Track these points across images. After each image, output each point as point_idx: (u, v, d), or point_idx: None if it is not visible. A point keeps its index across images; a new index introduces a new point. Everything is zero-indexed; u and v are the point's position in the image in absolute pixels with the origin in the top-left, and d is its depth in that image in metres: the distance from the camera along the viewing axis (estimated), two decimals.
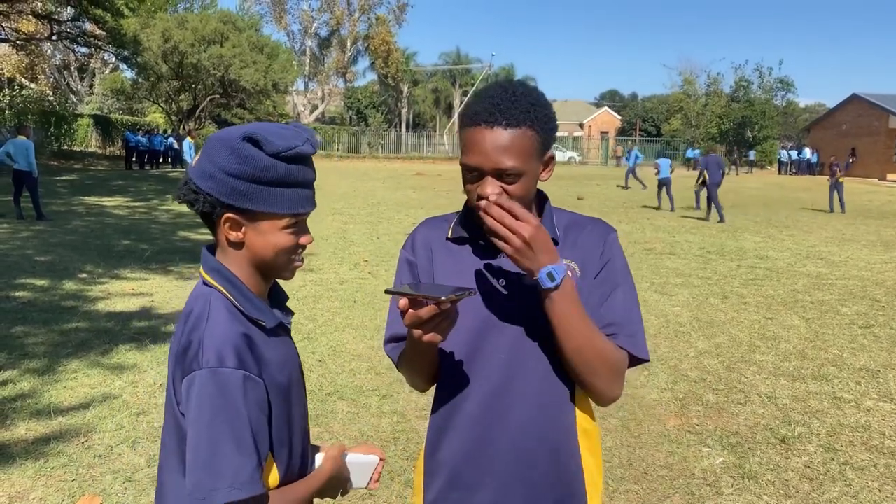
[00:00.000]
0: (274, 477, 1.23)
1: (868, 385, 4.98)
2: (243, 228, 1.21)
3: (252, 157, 1.16)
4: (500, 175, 1.27)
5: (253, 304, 1.22)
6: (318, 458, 1.37)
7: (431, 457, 1.45)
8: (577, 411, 1.39)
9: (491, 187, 1.28)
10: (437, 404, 1.45)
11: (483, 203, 1.25)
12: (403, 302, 1.17)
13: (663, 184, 17.78)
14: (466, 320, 1.33)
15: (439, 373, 1.43)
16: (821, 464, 3.74)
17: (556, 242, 1.37)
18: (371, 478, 1.45)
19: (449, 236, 1.44)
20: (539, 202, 1.44)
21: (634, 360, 1.38)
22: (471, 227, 1.41)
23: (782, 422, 4.29)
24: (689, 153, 36.21)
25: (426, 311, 1.16)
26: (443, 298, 1.12)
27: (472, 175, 1.30)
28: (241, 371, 1.14)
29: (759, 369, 5.27)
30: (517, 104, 1.26)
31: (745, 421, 4.31)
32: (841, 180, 17.90)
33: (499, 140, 1.26)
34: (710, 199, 15.35)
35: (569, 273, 1.29)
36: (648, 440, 4.00)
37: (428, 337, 1.19)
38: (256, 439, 1.15)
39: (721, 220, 15.02)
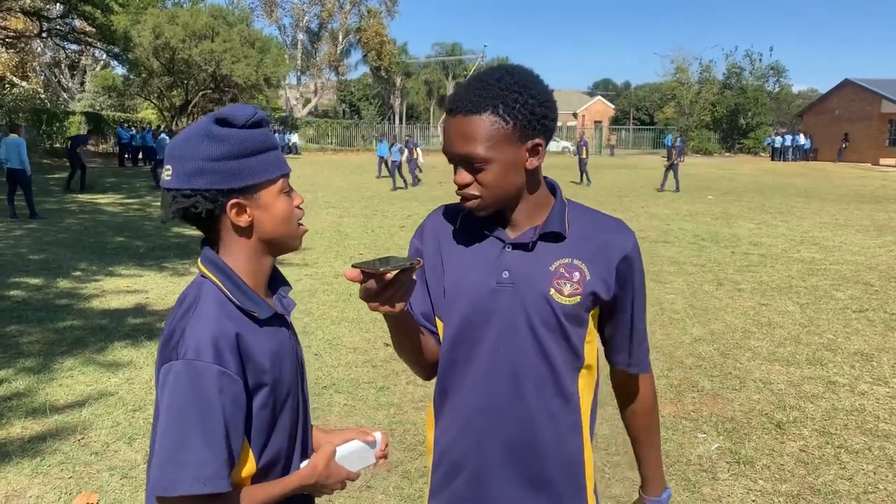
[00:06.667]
0: (250, 467, 1.21)
1: (862, 369, 5.01)
2: (248, 210, 1.22)
3: (229, 135, 1.19)
4: (469, 163, 1.28)
5: (246, 296, 1.22)
6: (303, 465, 1.31)
7: (434, 446, 1.45)
8: (573, 405, 1.37)
9: (460, 176, 1.29)
10: (435, 390, 1.45)
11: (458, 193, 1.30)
12: (351, 273, 1.14)
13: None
14: (466, 310, 1.34)
15: (439, 362, 1.42)
16: (816, 448, 3.76)
17: (561, 237, 1.34)
18: (374, 455, 1.40)
19: (457, 226, 1.41)
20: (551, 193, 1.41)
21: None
22: (478, 217, 1.37)
23: (777, 407, 4.31)
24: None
25: (372, 284, 1.15)
26: (381, 270, 1.12)
27: (452, 165, 1.32)
28: (217, 366, 1.12)
29: (754, 355, 5.29)
30: (481, 90, 1.26)
31: (741, 407, 4.33)
32: (676, 162, 19.61)
33: (459, 128, 1.26)
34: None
35: (578, 286, 1.32)
36: None
37: (383, 308, 1.18)
38: (229, 436, 1.13)
39: (579, 181, 21.17)
